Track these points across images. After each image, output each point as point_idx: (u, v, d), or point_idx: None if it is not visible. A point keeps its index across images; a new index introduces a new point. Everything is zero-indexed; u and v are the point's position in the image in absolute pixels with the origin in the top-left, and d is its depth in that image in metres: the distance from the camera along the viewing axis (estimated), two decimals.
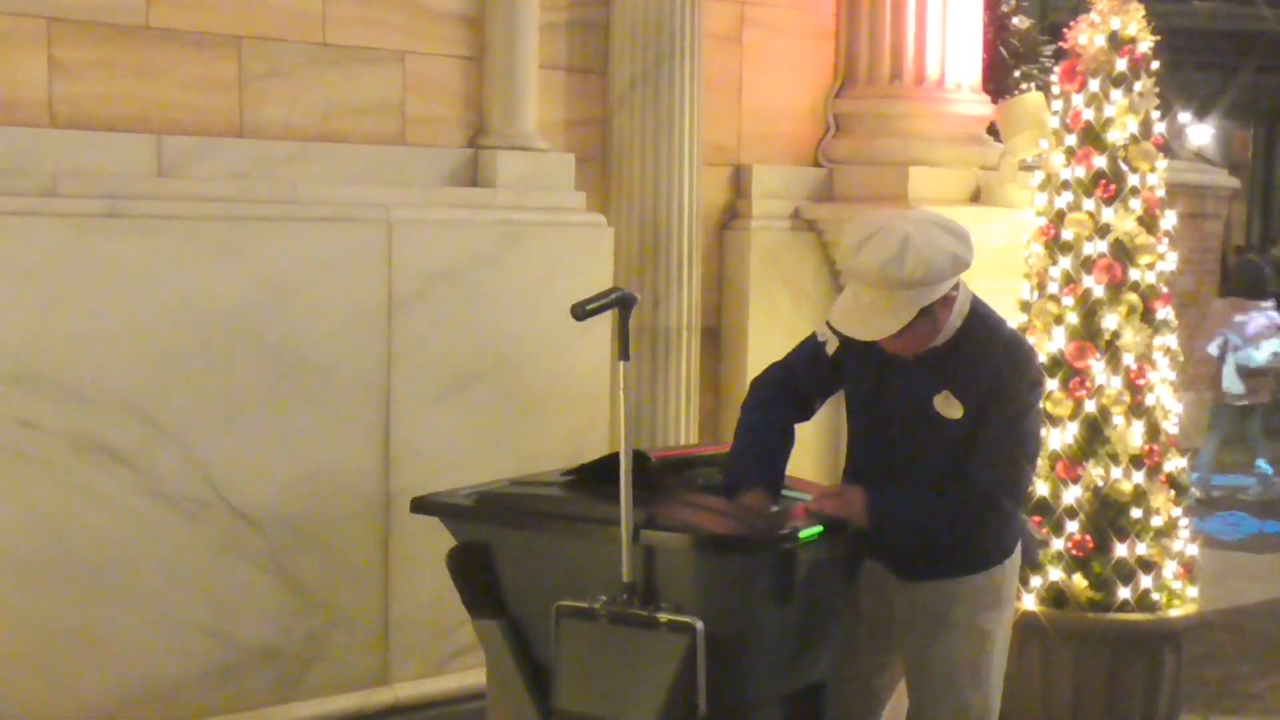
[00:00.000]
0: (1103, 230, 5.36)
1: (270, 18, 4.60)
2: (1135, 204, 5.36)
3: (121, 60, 4.36)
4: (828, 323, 3.77)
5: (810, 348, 3.86)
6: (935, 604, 3.74)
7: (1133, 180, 5.36)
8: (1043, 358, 5.40)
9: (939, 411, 3.66)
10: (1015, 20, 9.06)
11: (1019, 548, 3.86)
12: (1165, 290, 5.44)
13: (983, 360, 3.67)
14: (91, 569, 4.15)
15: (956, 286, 3.65)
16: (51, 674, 4.12)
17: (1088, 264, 5.36)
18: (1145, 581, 5.27)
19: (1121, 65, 5.38)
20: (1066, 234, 5.40)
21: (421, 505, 3.90)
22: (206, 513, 4.32)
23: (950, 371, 3.66)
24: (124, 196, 4.21)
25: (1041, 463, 5.35)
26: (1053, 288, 5.43)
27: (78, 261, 4.08)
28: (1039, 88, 7.68)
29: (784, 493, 3.82)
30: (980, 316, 3.75)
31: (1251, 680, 6.62)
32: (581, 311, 3.58)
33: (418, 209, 4.71)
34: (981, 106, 6.18)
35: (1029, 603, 5.31)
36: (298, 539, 4.48)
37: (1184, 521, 5.45)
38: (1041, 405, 3.78)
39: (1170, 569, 5.35)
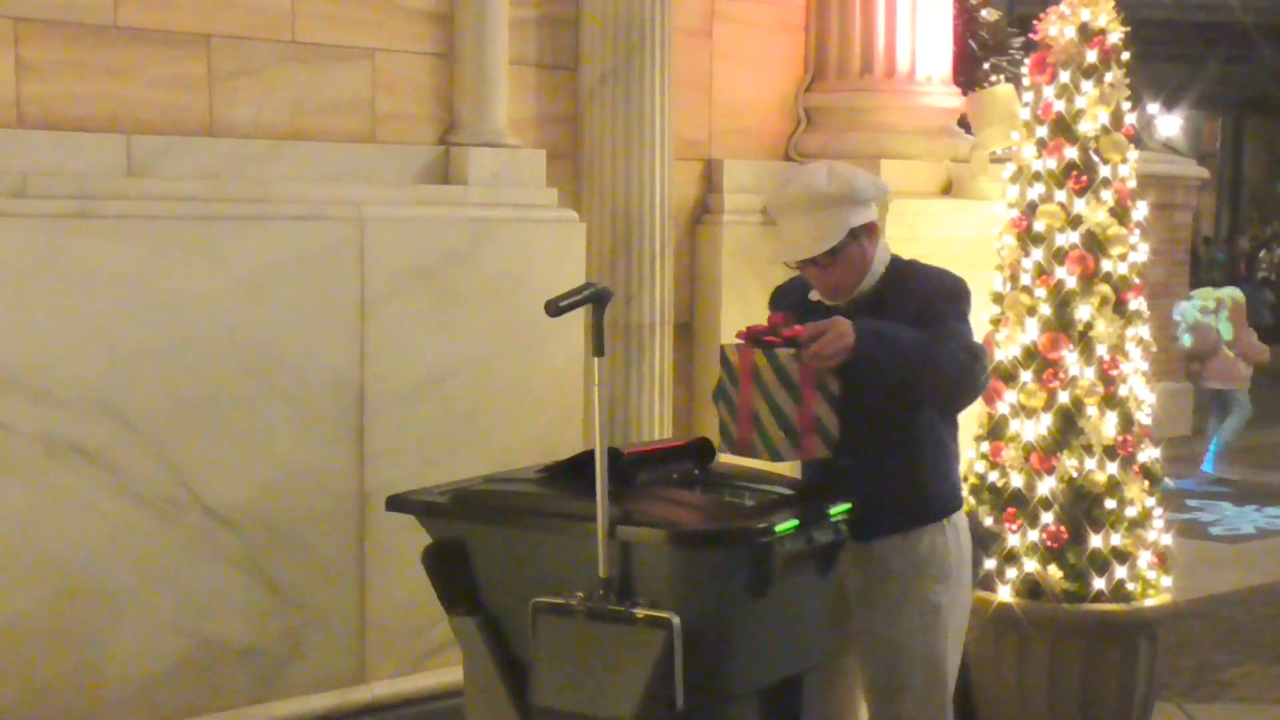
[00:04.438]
0: (1074, 221, 5.38)
1: (239, 16, 4.59)
2: (1107, 195, 5.39)
3: (90, 59, 4.35)
4: (773, 291, 4.13)
5: None
6: (886, 571, 3.88)
7: (1104, 171, 5.39)
8: (1016, 349, 5.43)
9: None
10: (984, 13, 9.09)
11: (966, 525, 4.03)
12: (1137, 281, 5.47)
13: (911, 281, 3.93)
14: (65, 570, 4.14)
15: (876, 227, 3.92)
16: (26, 676, 4.11)
17: (1060, 255, 5.38)
18: (1120, 572, 5.30)
19: (1092, 57, 5.40)
20: (1038, 225, 5.43)
21: (397, 503, 3.91)
22: (180, 513, 4.31)
23: (881, 306, 3.87)
24: (94, 196, 4.20)
25: (1015, 454, 5.37)
26: (1025, 279, 5.45)
27: (48, 262, 4.07)
28: (1009, 80, 7.71)
29: (754, 485, 3.85)
30: (902, 262, 4.02)
31: (1225, 668, 6.67)
32: (555, 308, 3.59)
33: (389, 207, 4.70)
34: (952, 99, 6.20)
35: (1004, 594, 5.33)
36: (273, 538, 4.48)
37: (1158, 511, 5.48)
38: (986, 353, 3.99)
39: (1145, 559, 5.38)
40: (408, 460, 4.64)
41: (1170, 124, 26.40)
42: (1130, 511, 5.33)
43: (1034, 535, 5.32)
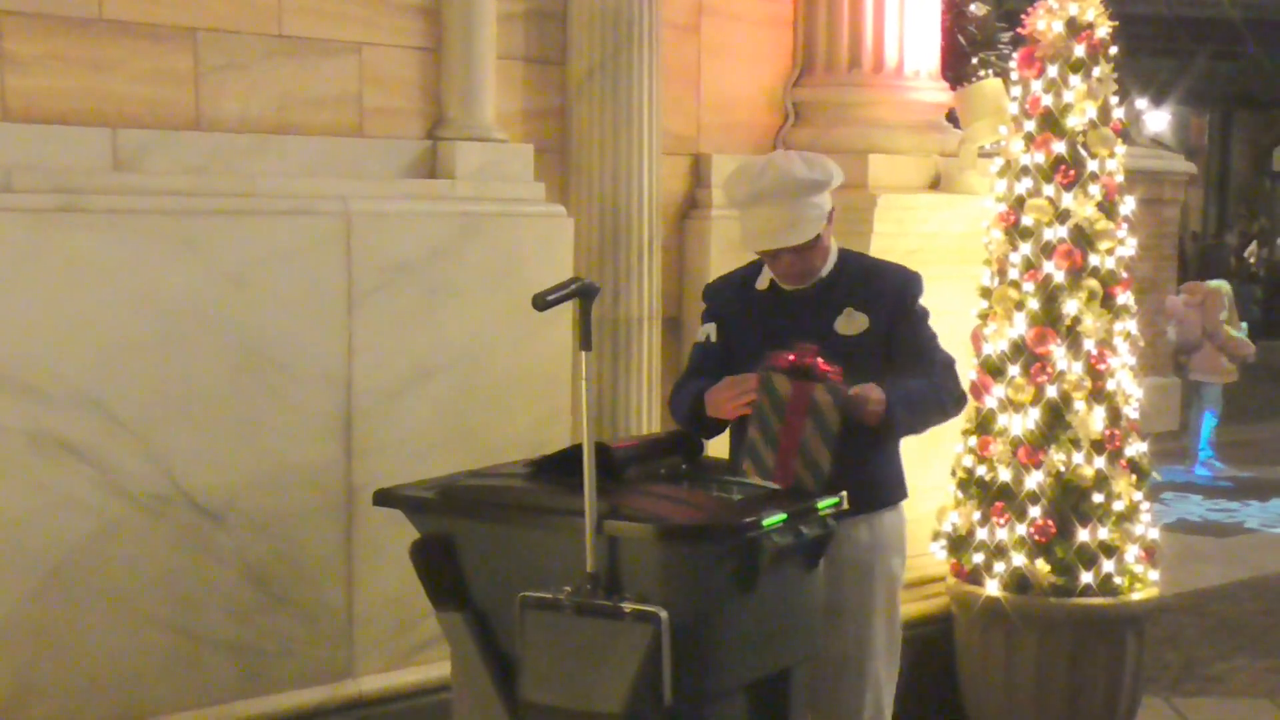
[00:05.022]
0: (1062, 216, 5.40)
1: (225, 9, 4.57)
2: (1094, 189, 5.40)
3: (75, 53, 4.33)
4: (706, 289, 4.37)
5: (697, 351, 4.29)
6: (854, 546, 4.07)
7: (1092, 166, 5.40)
8: (1004, 344, 5.44)
9: (840, 333, 4.04)
10: (973, 7, 9.10)
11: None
12: (1125, 275, 5.48)
13: (876, 274, 4.17)
14: (51, 567, 4.12)
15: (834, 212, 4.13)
16: (13, 673, 4.10)
17: (1048, 250, 5.39)
18: (1107, 566, 5.31)
19: (1080, 51, 5.42)
20: (1026, 220, 5.44)
21: (384, 498, 3.90)
22: (167, 508, 4.30)
23: (843, 293, 4.08)
24: (79, 191, 4.18)
25: (1003, 448, 5.38)
26: (1013, 274, 5.47)
27: (33, 256, 4.05)
28: (997, 74, 7.71)
29: (742, 480, 3.86)
30: (851, 252, 4.27)
31: (1212, 662, 6.69)
32: (542, 302, 3.59)
33: (376, 201, 4.69)
34: (940, 94, 6.20)
35: (992, 588, 5.35)
36: (260, 534, 4.47)
37: (1145, 505, 5.50)
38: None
39: (1132, 553, 5.39)
40: (395, 455, 4.63)
41: (1158, 119, 26.45)
42: (1118, 506, 5.35)
43: (1022, 529, 5.33)
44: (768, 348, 3.93)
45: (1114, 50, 5.52)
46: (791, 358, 3.83)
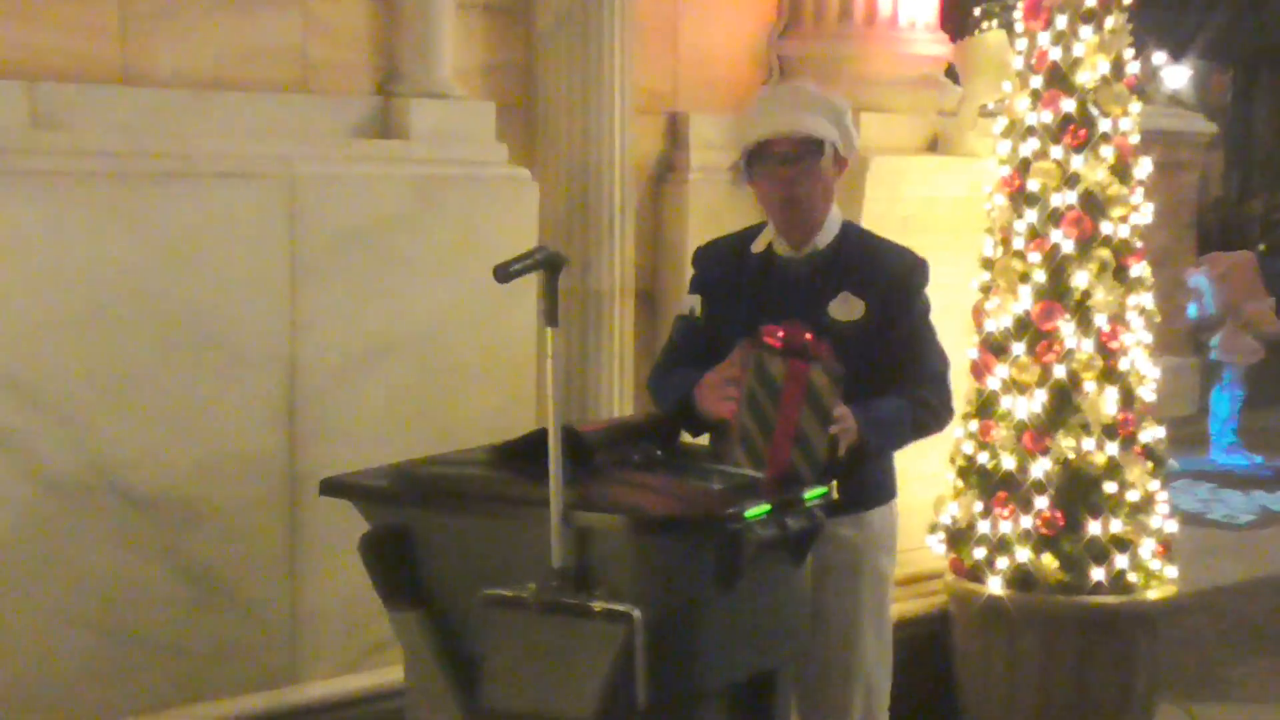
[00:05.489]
0: (1071, 180, 5.42)
1: None
2: (1106, 151, 5.42)
3: None
4: (697, 252, 4.36)
5: (680, 326, 4.28)
6: (842, 544, 4.09)
7: (1104, 126, 5.42)
8: (1007, 320, 5.46)
9: (835, 317, 4.04)
10: None
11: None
12: (1139, 245, 5.51)
13: (877, 255, 4.17)
14: None
15: (842, 174, 4.18)
16: None
17: (1055, 217, 5.42)
18: (1120, 561, 5.34)
19: (1091, 0, 5.43)
20: (1032, 184, 5.46)
21: (331, 487, 3.91)
22: (94, 499, 4.30)
23: (841, 271, 4.10)
24: None
25: (1006, 433, 5.41)
26: (1018, 243, 5.49)
27: None
28: (1001, 26, 7.73)
29: (723, 468, 3.88)
30: (857, 228, 4.27)
31: (1231, 665, 6.73)
32: (504, 274, 3.59)
33: (323, 163, 4.69)
34: (938, 47, 6.22)
35: (994, 586, 5.38)
36: (197, 527, 4.47)
37: (1161, 496, 5.52)
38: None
39: (1147, 547, 5.42)
40: (345, 441, 4.64)
41: (1177, 75, 26.49)
42: (1131, 496, 5.37)
43: (1027, 522, 5.36)
44: (759, 322, 3.93)
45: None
46: (781, 334, 3.84)
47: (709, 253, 4.36)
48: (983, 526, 5.49)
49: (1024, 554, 5.35)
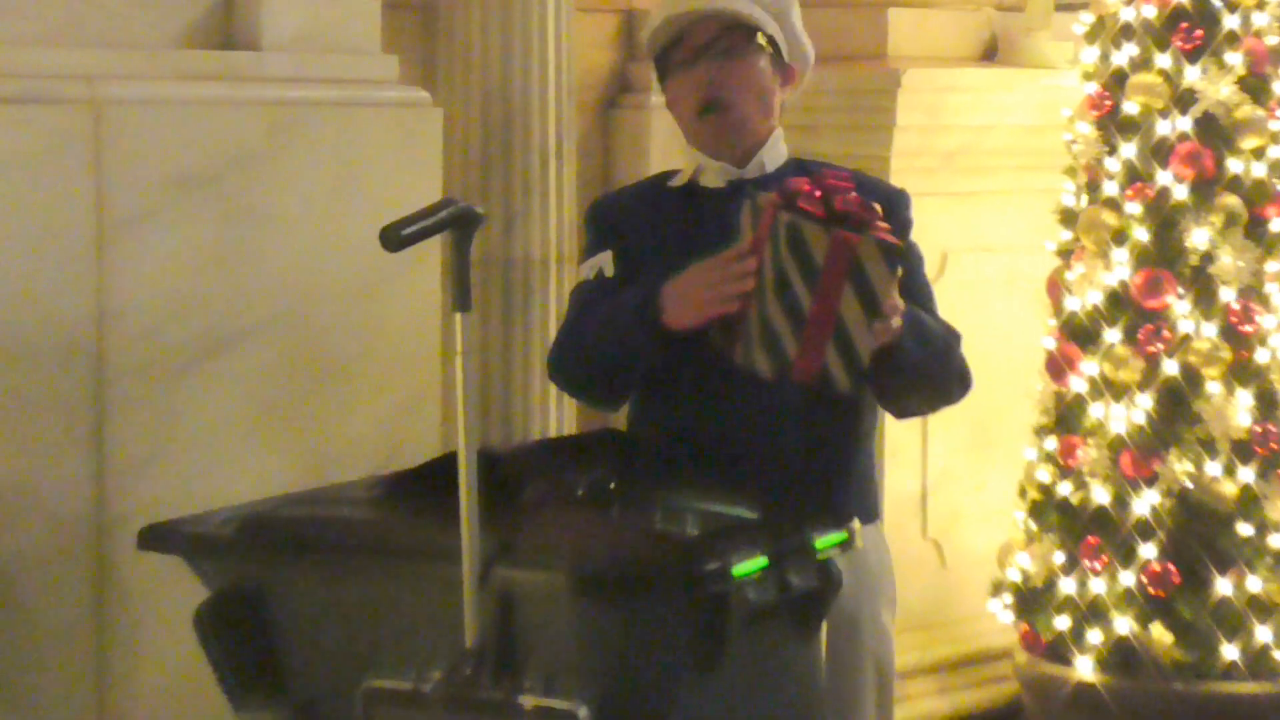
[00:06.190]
0: (1184, 99, 5.41)
1: None
2: (1234, 58, 5.41)
3: None
4: (591, 208, 4.32)
5: (586, 294, 4.17)
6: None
7: (1230, 22, 5.41)
8: (1097, 295, 5.45)
9: None
10: None
11: None
12: None
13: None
14: None
15: (790, 88, 4.23)
16: None
17: (1162, 151, 5.41)
18: (1261, 634, 5.33)
19: None
20: (1130, 107, 5.45)
21: (154, 537, 3.88)
22: None
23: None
24: None
25: (1098, 454, 5.40)
26: (1110, 188, 5.48)
27: None
28: None
29: (698, 504, 3.87)
30: (808, 160, 4.27)
31: None
32: (397, 238, 3.55)
33: (141, 83, 4.68)
34: None
35: (1084, 669, 5.36)
36: None
37: None
38: None
39: None
40: (173, 470, 4.63)
41: None
42: (1275, 541, 5.37)
43: (1128, 578, 5.35)
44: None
45: None
46: (819, 194, 3.79)
47: (609, 204, 4.34)
48: (1066, 586, 5.49)
49: (1125, 624, 5.35)
